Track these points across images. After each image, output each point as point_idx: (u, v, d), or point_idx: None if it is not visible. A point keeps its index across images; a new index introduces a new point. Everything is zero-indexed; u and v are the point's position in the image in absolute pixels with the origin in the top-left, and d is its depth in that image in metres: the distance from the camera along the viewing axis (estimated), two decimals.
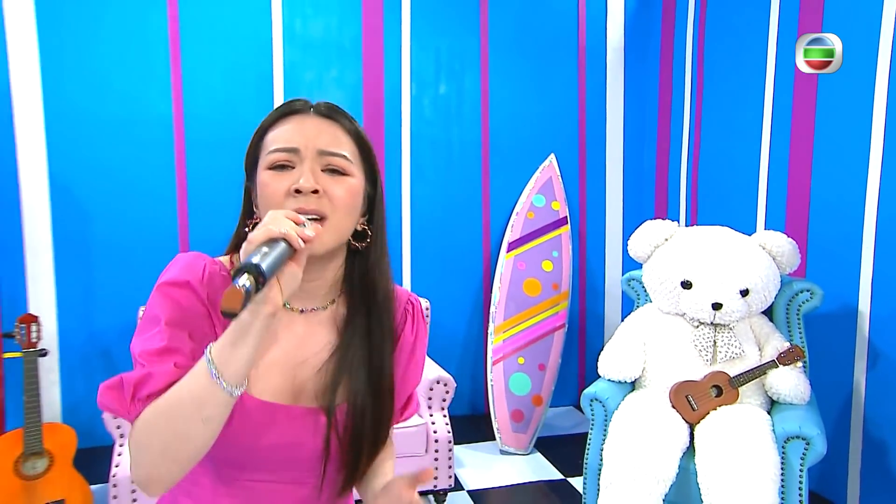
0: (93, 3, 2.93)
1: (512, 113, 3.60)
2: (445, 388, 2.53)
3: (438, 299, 3.49)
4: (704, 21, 3.25)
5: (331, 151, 0.75)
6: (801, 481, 1.85)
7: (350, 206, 0.76)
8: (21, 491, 2.15)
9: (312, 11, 3.25)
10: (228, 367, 0.63)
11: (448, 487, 2.47)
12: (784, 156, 2.77)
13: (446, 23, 3.46)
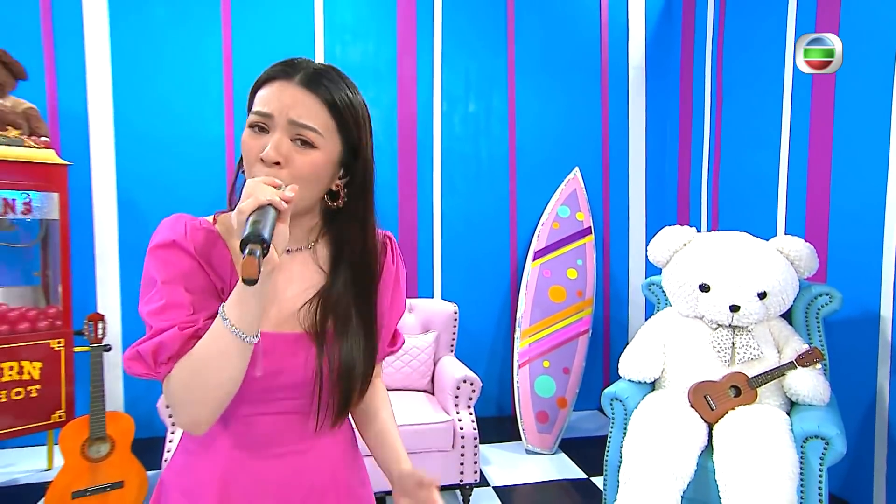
0: (158, 39, 3.12)
1: (538, 129, 3.63)
2: (472, 387, 2.55)
3: (467, 305, 3.53)
4: (723, 37, 3.23)
5: (301, 123, 0.75)
6: (820, 481, 1.80)
7: (311, 177, 0.77)
8: (86, 471, 2.26)
9: (351, 38, 3.38)
10: (242, 320, 0.70)
11: (474, 482, 2.47)
12: (803, 163, 2.72)
13: (475, 45, 3.54)
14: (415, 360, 2.82)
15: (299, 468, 0.84)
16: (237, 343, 0.70)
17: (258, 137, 0.77)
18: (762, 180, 2.96)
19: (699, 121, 3.47)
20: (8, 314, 2.40)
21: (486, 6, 3.54)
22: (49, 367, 2.46)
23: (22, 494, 2.58)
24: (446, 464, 2.43)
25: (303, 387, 0.81)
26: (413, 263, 3.51)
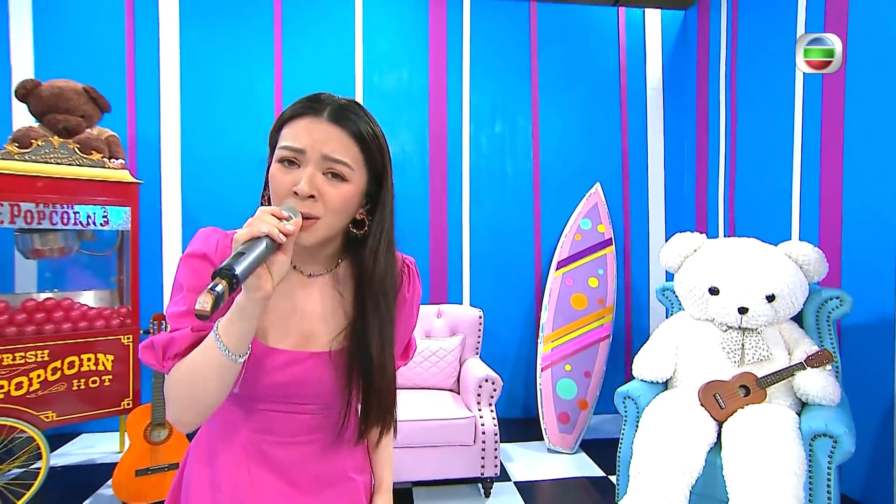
0: (219, 75, 3.33)
1: (560, 147, 3.64)
2: (493, 385, 2.54)
3: (494, 312, 3.53)
4: (735, 57, 3.17)
5: (333, 158, 0.75)
6: (829, 479, 1.70)
7: (342, 209, 0.78)
8: (148, 452, 2.38)
9: (388, 67, 3.49)
10: (231, 340, 0.71)
11: (494, 476, 2.46)
12: (815, 172, 2.62)
13: (500, 71, 3.59)
14: (441, 360, 2.84)
15: (306, 456, 0.86)
16: (222, 358, 0.71)
17: (289, 172, 0.76)
18: (776, 190, 2.86)
19: (715, 136, 3.39)
20: (88, 313, 2.58)
21: (510, 35, 3.60)
22: (119, 359, 2.61)
23: (96, 472, 2.73)
24: (468, 458, 2.43)
25: (316, 398, 0.84)
26: (443, 272, 3.55)
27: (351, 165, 0.77)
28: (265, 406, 0.84)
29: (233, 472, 0.84)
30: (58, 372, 2.45)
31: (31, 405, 2.38)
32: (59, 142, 2.49)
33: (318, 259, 0.86)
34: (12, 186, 2.36)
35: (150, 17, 3.31)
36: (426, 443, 2.39)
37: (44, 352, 2.42)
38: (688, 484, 1.79)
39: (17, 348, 2.36)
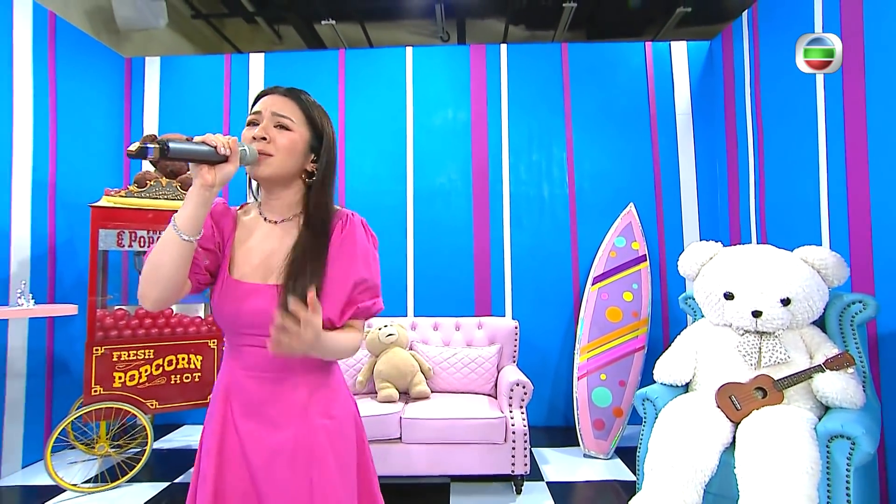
0: None
1: (593, 172, 3.64)
2: (524, 389, 2.55)
3: (534, 324, 3.54)
4: (759, 79, 3.07)
5: (280, 114, 0.98)
6: (848, 481, 1.57)
7: (289, 150, 0.98)
8: None
9: (435, 107, 3.70)
10: (181, 221, 0.88)
11: (524, 474, 2.44)
12: (842, 183, 2.46)
13: (536, 106, 3.69)
14: (480, 367, 2.89)
15: (273, 391, 0.97)
16: (175, 236, 0.88)
17: (252, 129, 1.00)
18: (805, 202, 2.70)
19: (744, 154, 3.26)
20: (183, 320, 2.90)
21: (544, 74, 3.70)
22: (207, 359, 2.90)
23: (188, 456, 3.02)
24: (500, 455, 2.44)
25: (267, 322, 0.87)
26: (487, 288, 3.62)
27: (293, 119, 0.99)
28: (238, 340, 0.98)
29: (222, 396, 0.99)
30: (160, 368, 2.77)
31: (140, 394, 2.70)
32: (167, 182, 2.88)
33: (282, 206, 1.02)
34: (131, 218, 2.76)
35: (241, 83, 3.76)
36: (461, 440, 2.44)
37: (149, 351, 2.75)
38: (701, 482, 1.72)
39: (130, 347, 2.71)
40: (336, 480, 0.97)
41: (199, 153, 0.84)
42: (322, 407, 0.99)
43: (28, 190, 2.99)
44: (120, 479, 2.61)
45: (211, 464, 0.96)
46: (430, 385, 2.83)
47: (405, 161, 3.68)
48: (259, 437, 0.96)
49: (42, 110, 3.09)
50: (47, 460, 2.49)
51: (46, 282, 3.09)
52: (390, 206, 3.66)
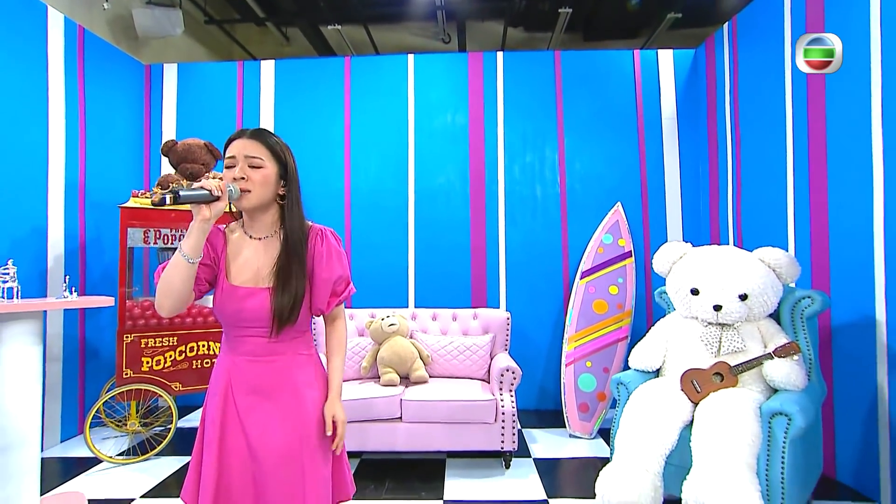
0: (302, 128, 3.92)
1: (584, 173, 3.85)
2: (513, 375, 2.78)
3: (528, 316, 3.78)
4: (738, 86, 3.26)
5: (251, 155, 1.19)
6: (783, 451, 1.80)
7: (263, 184, 1.19)
8: None
9: (435, 111, 3.92)
10: (186, 247, 1.10)
11: (512, 450, 2.69)
12: (805, 188, 2.67)
13: (530, 110, 3.89)
14: (474, 354, 3.13)
15: (272, 371, 1.22)
16: (182, 260, 1.11)
17: (231, 171, 1.20)
18: (774, 207, 2.91)
19: (723, 159, 3.46)
20: (203, 310, 3.15)
21: (538, 79, 3.90)
22: None
23: None
24: (490, 434, 2.69)
25: (262, 318, 1.19)
26: (482, 282, 3.85)
27: (262, 158, 1.20)
28: (241, 332, 1.22)
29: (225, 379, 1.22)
30: (182, 354, 3.03)
31: (165, 377, 2.96)
32: (187, 184, 3.12)
33: (263, 226, 1.26)
34: (155, 217, 3.01)
35: (253, 89, 3.98)
36: (457, 420, 2.68)
37: (173, 338, 3.01)
38: (662, 453, 1.95)
39: (156, 335, 2.97)
40: (320, 436, 1.23)
41: (200, 196, 1.07)
42: (305, 379, 1.25)
43: (62, 191, 3.24)
44: (150, 453, 2.89)
45: (215, 432, 1.19)
46: (428, 371, 3.08)
47: (407, 162, 3.90)
48: (255, 407, 1.21)
49: (73, 116, 3.33)
50: (86, 435, 2.76)
51: (78, 275, 3.35)
52: (393, 205, 3.88)
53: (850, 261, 2.37)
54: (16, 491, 2.09)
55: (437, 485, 2.52)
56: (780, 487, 1.77)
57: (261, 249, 1.25)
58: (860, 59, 2.30)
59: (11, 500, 2.08)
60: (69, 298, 2.32)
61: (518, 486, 2.51)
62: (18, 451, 2.11)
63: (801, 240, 2.69)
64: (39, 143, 3.11)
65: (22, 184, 2.98)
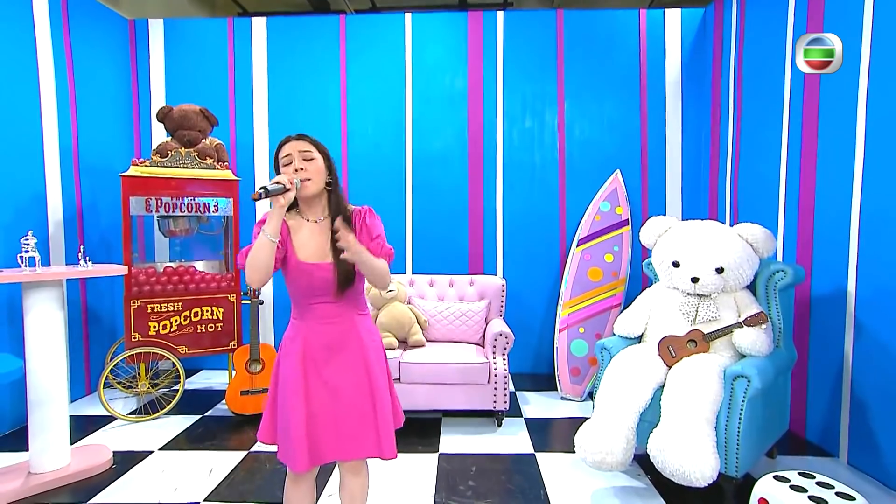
0: (298, 91, 4.15)
1: (583, 139, 4.12)
2: (506, 339, 3.16)
3: (524, 282, 4.14)
4: (742, 52, 3.48)
5: (303, 150, 1.55)
6: (742, 410, 2.18)
7: (317, 173, 1.55)
8: (248, 379, 3.27)
9: (433, 74, 4.14)
10: (268, 229, 1.44)
11: (504, 410, 3.10)
12: (796, 165, 2.96)
13: (531, 72, 4.11)
14: (470, 320, 3.50)
15: (340, 330, 1.61)
16: (265, 239, 1.45)
17: (288, 167, 1.56)
18: (768, 181, 3.20)
19: (725, 127, 3.72)
20: (205, 277, 3.51)
21: (539, 41, 4.10)
22: (227, 312, 3.53)
23: (214, 395, 3.72)
24: (483, 394, 3.09)
25: (329, 287, 1.57)
26: (479, 248, 4.19)
27: (311, 151, 1.57)
28: (309, 301, 1.60)
29: (301, 339, 1.60)
30: (187, 319, 3.41)
31: (172, 341, 3.35)
32: (185, 151, 3.40)
33: (315, 211, 1.62)
34: (156, 185, 3.31)
35: (245, 47, 4.18)
36: (452, 381, 3.08)
37: (178, 303, 3.38)
38: (636, 410, 2.34)
39: (161, 301, 3.33)
40: (382, 374, 1.64)
41: (279, 189, 1.44)
42: (365, 334, 1.65)
43: (57, 156, 3.52)
44: (160, 412, 3.31)
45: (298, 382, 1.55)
46: (425, 335, 3.46)
47: (404, 126, 4.16)
48: (330, 360, 1.60)
49: (62, 77, 3.55)
50: (100, 394, 3.18)
51: (76, 242, 3.68)
52: (390, 170, 4.17)
53: (830, 237, 2.70)
54: (50, 440, 2.51)
55: (433, 440, 2.94)
56: (736, 440, 2.17)
57: (316, 230, 1.61)
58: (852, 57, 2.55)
59: (47, 448, 2.51)
60: (86, 267, 2.66)
61: (508, 441, 2.94)
62: (49, 406, 2.51)
63: (790, 215, 3.00)
64: (32, 106, 3.35)
65: (19, 150, 3.26)
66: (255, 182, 4.22)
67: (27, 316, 2.48)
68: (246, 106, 4.19)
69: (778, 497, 1.82)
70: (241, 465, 2.64)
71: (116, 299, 4.04)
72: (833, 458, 2.69)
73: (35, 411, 2.49)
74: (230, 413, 3.33)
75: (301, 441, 1.53)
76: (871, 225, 2.47)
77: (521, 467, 2.63)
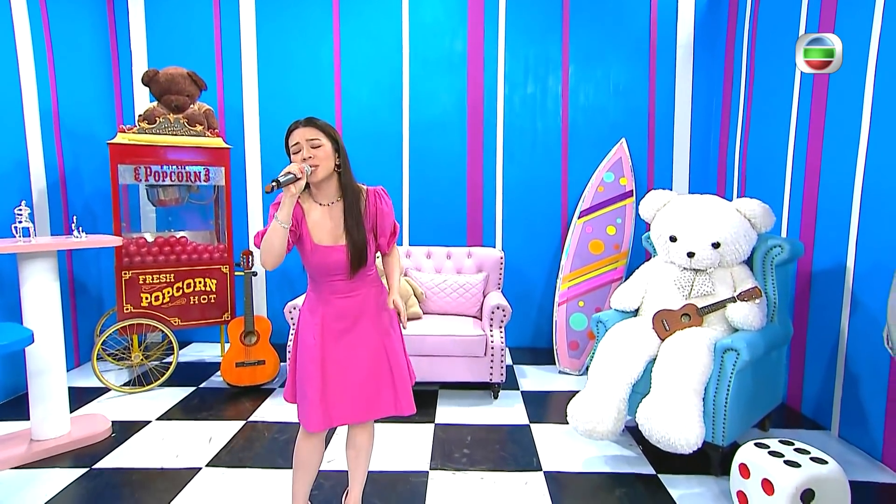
0: (289, 52, 4.27)
1: (587, 105, 4.26)
2: (503, 312, 3.39)
3: (524, 255, 4.35)
4: (758, 13, 3.60)
5: (310, 138, 1.73)
6: (730, 382, 2.42)
7: (325, 159, 1.74)
8: (243, 351, 3.52)
9: (431, 36, 4.26)
10: (280, 216, 1.66)
11: (500, 382, 3.35)
12: (804, 143, 3.13)
13: (534, 34, 4.23)
14: (468, 293, 3.73)
15: (355, 303, 1.85)
16: (277, 226, 1.67)
17: (297, 155, 1.74)
18: (776, 153, 3.38)
19: (736, 95, 3.87)
20: (198, 248, 3.72)
21: (543, 1, 4.20)
22: (220, 283, 3.75)
23: (207, 367, 3.98)
24: (480, 366, 3.34)
25: (343, 267, 1.79)
26: (479, 220, 4.39)
27: (319, 139, 1.74)
28: (325, 278, 1.83)
29: (320, 313, 1.84)
30: (180, 290, 3.63)
31: (165, 312, 3.59)
32: (174, 118, 3.56)
33: (327, 194, 1.83)
34: (145, 153, 3.48)
35: (232, 4, 4.28)
36: (450, 353, 3.32)
37: (170, 275, 3.59)
38: (628, 382, 2.57)
39: (153, 272, 3.55)
40: (396, 339, 1.91)
41: (290, 179, 1.64)
42: (379, 304, 1.90)
43: (38, 120, 3.67)
44: (154, 383, 3.57)
45: (317, 351, 1.81)
46: (422, 308, 3.70)
47: (401, 91, 4.30)
48: (348, 330, 1.85)
49: (38, 37, 3.66)
50: (94, 365, 3.43)
51: (60, 211, 3.87)
52: (387, 137, 4.33)
53: (833, 213, 2.89)
54: (50, 409, 2.76)
55: (429, 411, 3.20)
56: (724, 410, 2.41)
57: (328, 214, 1.83)
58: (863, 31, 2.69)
59: (48, 416, 2.76)
60: (81, 238, 2.86)
61: (504, 413, 3.20)
62: (48, 375, 2.75)
63: (796, 189, 3.19)
64: (9, 67, 3.48)
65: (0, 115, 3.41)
66: (246, 150, 4.38)
67: (24, 286, 2.69)
68: (234, 68, 4.31)
69: (756, 462, 2.07)
70: (239, 434, 2.90)
71: (102, 270, 4.26)
72: (825, 431, 2.95)
73: (35, 380, 2.73)
74: (225, 385, 3.59)
75: (316, 405, 1.78)
76: (872, 201, 2.66)
77: (516, 437, 2.90)
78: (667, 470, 2.55)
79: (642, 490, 2.39)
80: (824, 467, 1.98)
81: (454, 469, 2.54)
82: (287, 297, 4.43)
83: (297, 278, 4.46)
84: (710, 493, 2.35)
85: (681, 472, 2.52)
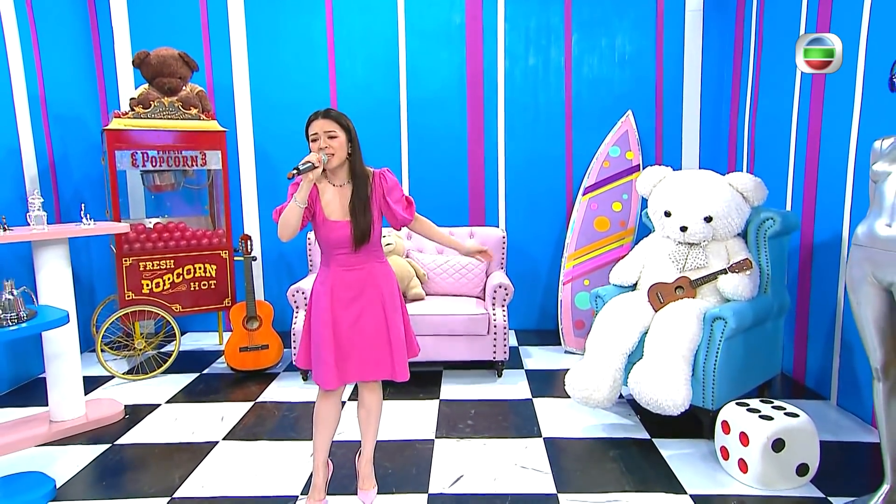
0: (279, 30, 4.76)
1: (592, 78, 4.74)
2: (505, 291, 3.92)
3: (528, 234, 4.87)
4: None
5: (328, 130, 2.19)
6: (718, 349, 2.94)
7: (339, 148, 2.22)
8: (246, 336, 4.06)
9: (427, 9, 4.73)
10: (297, 197, 2.17)
11: (503, 360, 3.90)
12: (806, 115, 3.62)
13: (535, 2, 4.69)
14: (470, 273, 4.26)
15: (360, 276, 2.34)
16: (294, 205, 2.18)
17: (315, 144, 2.24)
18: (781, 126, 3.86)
19: (746, 64, 4.34)
20: (196, 233, 4.25)
21: None
22: (220, 269, 4.29)
23: (207, 354, 4.55)
24: (483, 345, 3.88)
25: (348, 241, 2.27)
26: (480, 198, 4.90)
27: (335, 130, 2.23)
28: (334, 251, 2.33)
29: (329, 283, 2.34)
30: (181, 276, 4.17)
31: (166, 299, 4.13)
32: (168, 101, 4.07)
33: (339, 177, 2.33)
34: (140, 138, 4.00)
35: None
36: (453, 332, 3.85)
37: (170, 261, 4.13)
38: (623, 352, 3.10)
39: (153, 258, 4.09)
40: (396, 312, 2.39)
41: (308, 167, 2.14)
42: (382, 279, 2.40)
43: (26, 105, 4.17)
44: (157, 370, 4.13)
45: (328, 317, 2.31)
46: (424, 289, 4.23)
47: (398, 66, 4.78)
48: (355, 299, 2.35)
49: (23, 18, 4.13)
50: (98, 353, 3.99)
51: (52, 197, 4.40)
52: (383, 114, 4.83)
53: (830, 184, 3.39)
54: (66, 392, 3.32)
55: (433, 389, 3.75)
56: (713, 376, 2.94)
57: (339, 193, 2.33)
58: None
59: (64, 399, 3.31)
60: (90, 226, 3.40)
61: (507, 389, 3.75)
62: (64, 358, 3.30)
63: (799, 162, 3.68)
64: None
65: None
66: (238, 131, 4.88)
67: (39, 273, 3.23)
68: (223, 46, 4.80)
69: (735, 419, 2.61)
70: (250, 413, 3.46)
71: (93, 259, 4.80)
72: (825, 401, 3.48)
73: (52, 363, 3.28)
74: (229, 370, 4.14)
75: (330, 366, 2.30)
76: (864, 171, 3.15)
77: (518, 410, 3.45)
78: (661, 435, 3.09)
79: (636, 452, 2.93)
80: (794, 420, 2.51)
81: (458, 437, 3.09)
82: (285, 282, 4.96)
83: (294, 263, 5.00)
84: (698, 453, 2.89)
85: (674, 437, 3.05)
